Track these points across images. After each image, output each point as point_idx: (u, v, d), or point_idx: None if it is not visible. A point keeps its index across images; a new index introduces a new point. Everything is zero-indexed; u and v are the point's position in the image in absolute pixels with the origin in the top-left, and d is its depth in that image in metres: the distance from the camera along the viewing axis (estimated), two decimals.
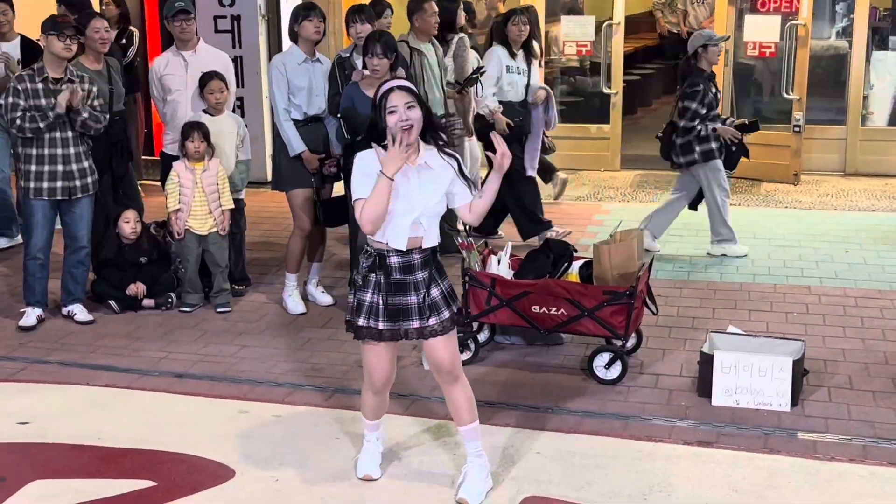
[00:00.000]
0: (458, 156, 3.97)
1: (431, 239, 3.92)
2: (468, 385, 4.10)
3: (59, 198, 6.01)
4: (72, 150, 5.99)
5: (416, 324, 3.92)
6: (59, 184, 5.98)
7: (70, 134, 5.98)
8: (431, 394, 5.01)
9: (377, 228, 3.82)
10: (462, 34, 7.42)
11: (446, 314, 3.96)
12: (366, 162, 3.86)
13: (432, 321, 3.92)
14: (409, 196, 3.84)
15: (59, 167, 5.96)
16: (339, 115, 5.96)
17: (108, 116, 6.22)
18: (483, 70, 7.18)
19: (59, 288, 6.32)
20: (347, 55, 6.25)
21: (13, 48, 7.57)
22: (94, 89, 6.12)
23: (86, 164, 6.08)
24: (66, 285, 6.26)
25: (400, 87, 3.82)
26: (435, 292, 3.94)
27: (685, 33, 12.45)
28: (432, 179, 3.88)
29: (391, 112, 3.78)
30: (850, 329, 5.89)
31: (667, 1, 12.93)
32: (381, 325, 3.92)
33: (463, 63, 7.27)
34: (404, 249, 3.88)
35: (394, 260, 3.89)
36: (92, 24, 6.45)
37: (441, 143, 3.93)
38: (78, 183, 6.03)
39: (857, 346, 5.62)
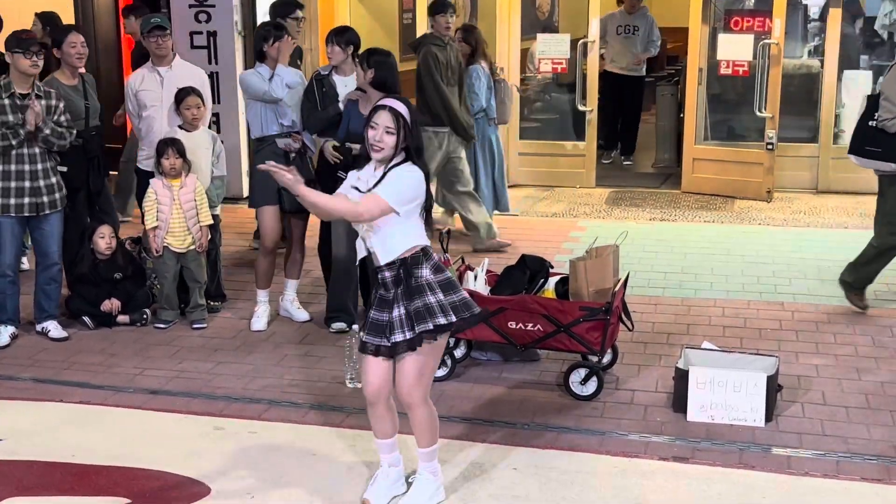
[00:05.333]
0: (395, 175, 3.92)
1: (386, 254, 3.92)
2: (432, 413, 4.07)
3: (26, 214, 5.94)
4: (39, 167, 5.91)
5: (386, 341, 3.94)
6: (26, 200, 5.90)
7: (37, 150, 5.90)
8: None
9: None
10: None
11: (398, 337, 3.90)
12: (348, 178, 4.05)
13: (392, 339, 3.92)
14: None
15: (26, 183, 5.88)
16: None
17: (74, 132, 6.13)
18: None
19: (30, 304, 6.27)
20: (326, 73, 6.27)
21: None
22: (62, 105, 6.04)
23: (53, 179, 6.01)
24: (39, 302, 6.21)
25: (392, 110, 3.86)
26: (395, 313, 3.92)
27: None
28: None
29: (371, 127, 3.88)
30: (822, 345, 5.94)
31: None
32: (364, 338, 4.01)
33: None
34: (373, 263, 3.97)
35: (379, 276, 3.98)
36: (68, 38, 6.41)
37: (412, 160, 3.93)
38: (46, 199, 5.97)
39: (829, 362, 5.67)
